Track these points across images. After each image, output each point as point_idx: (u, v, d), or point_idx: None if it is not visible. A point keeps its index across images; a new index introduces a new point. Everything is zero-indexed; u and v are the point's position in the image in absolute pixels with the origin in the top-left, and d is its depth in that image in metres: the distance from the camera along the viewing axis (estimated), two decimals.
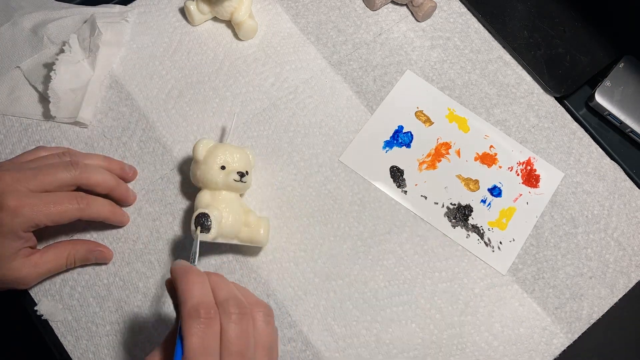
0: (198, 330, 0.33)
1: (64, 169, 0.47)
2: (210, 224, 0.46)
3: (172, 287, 0.37)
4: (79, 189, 0.48)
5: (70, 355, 0.49)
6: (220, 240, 0.48)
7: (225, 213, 0.48)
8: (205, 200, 0.49)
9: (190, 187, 0.54)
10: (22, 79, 0.56)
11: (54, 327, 0.50)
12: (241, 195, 0.53)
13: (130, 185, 0.54)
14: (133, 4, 0.61)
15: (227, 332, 0.33)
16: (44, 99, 0.55)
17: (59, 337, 0.49)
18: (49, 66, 0.55)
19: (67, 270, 0.50)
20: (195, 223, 0.46)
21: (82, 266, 0.51)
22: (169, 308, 0.51)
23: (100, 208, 0.49)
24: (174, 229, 0.53)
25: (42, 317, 0.49)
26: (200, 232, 0.45)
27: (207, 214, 0.46)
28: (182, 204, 0.54)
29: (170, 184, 0.54)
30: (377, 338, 0.51)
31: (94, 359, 0.49)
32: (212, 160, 0.49)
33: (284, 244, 0.53)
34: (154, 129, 0.56)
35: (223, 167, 0.49)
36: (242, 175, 0.49)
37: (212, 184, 0.49)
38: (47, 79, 0.54)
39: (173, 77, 0.58)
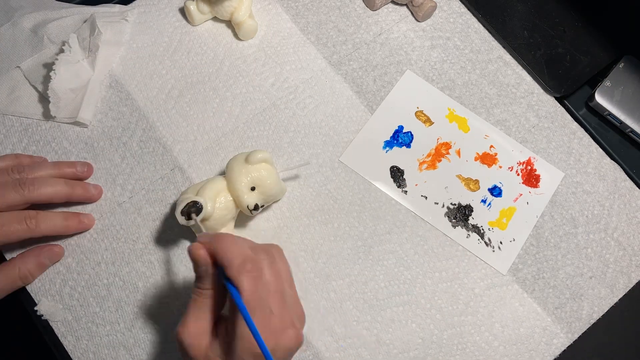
0: (250, 279, 0.38)
1: (13, 189, 0.46)
2: (200, 207, 0.46)
3: (198, 253, 0.39)
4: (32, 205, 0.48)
5: (71, 356, 0.49)
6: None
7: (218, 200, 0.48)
8: (218, 186, 0.48)
9: None
10: (22, 79, 0.56)
11: (54, 327, 0.49)
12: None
13: (129, 185, 0.54)
14: (133, 3, 0.61)
15: (265, 276, 0.39)
16: (43, 99, 0.55)
17: (59, 337, 0.49)
18: (49, 66, 0.55)
19: (26, 285, 0.50)
20: (184, 210, 0.46)
21: (81, 267, 0.51)
22: (169, 307, 0.51)
23: (51, 226, 0.48)
24: (174, 229, 0.53)
25: (42, 317, 0.49)
26: (188, 219, 0.46)
27: (197, 202, 0.46)
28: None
29: (170, 184, 0.54)
30: (377, 338, 0.51)
31: (95, 359, 0.49)
32: (254, 170, 0.49)
33: (283, 244, 0.53)
34: (154, 129, 0.56)
35: (253, 188, 0.49)
36: (256, 208, 0.49)
37: (231, 186, 0.48)
38: (47, 79, 0.54)
39: (173, 77, 0.58)
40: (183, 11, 0.60)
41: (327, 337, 0.51)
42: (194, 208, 0.46)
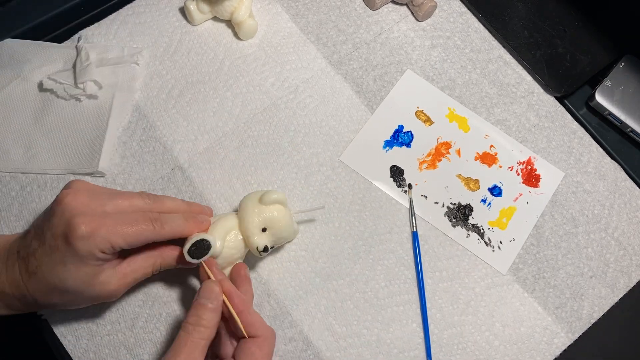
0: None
1: (139, 197, 0.45)
2: (207, 248, 0.45)
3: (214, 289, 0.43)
4: None
5: (71, 355, 0.49)
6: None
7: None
8: (229, 224, 0.47)
9: (190, 187, 0.54)
10: (37, 135, 0.54)
11: (54, 328, 0.49)
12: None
13: (129, 184, 0.54)
14: (133, 3, 0.61)
15: None
16: (61, 153, 0.54)
17: (59, 337, 0.49)
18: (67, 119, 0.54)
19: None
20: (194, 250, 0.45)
21: None
22: (170, 307, 0.51)
23: (175, 226, 0.45)
24: None
25: (42, 317, 0.49)
26: (193, 257, 0.45)
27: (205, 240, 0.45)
28: None
29: (170, 184, 0.54)
30: (377, 338, 0.51)
31: (95, 358, 0.49)
32: (266, 211, 0.47)
33: (284, 243, 0.53)
34: (154, 129, 0.56)
35: (264, 229, 0.47)
36: (265, 250, 0.47)
37: (242, 226, 0.47)
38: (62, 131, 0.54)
39: (173, 77, 0.58)
40: (183, 11, 0.60)
41: (327, 336, 0.51)
42: (199, 247, 0.44)
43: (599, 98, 0.59)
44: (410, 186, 0.55)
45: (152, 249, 0.46)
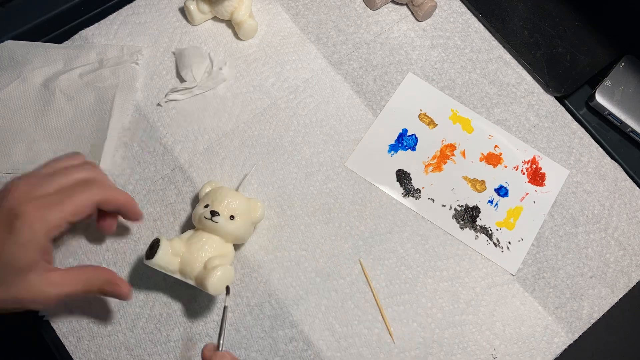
0: None
1: (81, 168, 0.45)
2: (156, 251, 0.45)
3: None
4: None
5: (72, 356, 0.49)
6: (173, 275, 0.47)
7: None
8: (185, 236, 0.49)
9: (190, 187, 0.54)
10: (38, 136, 0.54)
11: (55, 328, 0.49)
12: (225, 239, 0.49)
13: (130, 185, 0.54)
14: (133, 3, 0.61)
15: None
16: (62, 154, 0.52)
17: (61, 338, 0.49)
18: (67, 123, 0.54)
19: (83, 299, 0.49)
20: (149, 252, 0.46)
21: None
22: (170, 308, 0.51)
23: (115, 193, 0.45)
24: (175, 229, 0.53)
25: (44, 318, 0.49)
26: (148, 258, 0.46)
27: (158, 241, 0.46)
28: (183, 203, 0.54)
29: (171, 184, 0.54)
30: (378, 337, 0.51)
31: (96, 359, 0.49)
32: (203, 198, 0.49)
33: (285, 243, 0.53)
34: (154, 129, 0.56)
35: (207, 205, 0.48)
36: (213, 214, 0.46)
37: (194, 219, 0.49)
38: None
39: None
40: (183, 11, 0.60)
41: (328, 336, 0.51)
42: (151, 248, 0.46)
43: (599, 98, 0.59)
44: (228, 290, 0.46)
45: (89, 266, 0.47)
